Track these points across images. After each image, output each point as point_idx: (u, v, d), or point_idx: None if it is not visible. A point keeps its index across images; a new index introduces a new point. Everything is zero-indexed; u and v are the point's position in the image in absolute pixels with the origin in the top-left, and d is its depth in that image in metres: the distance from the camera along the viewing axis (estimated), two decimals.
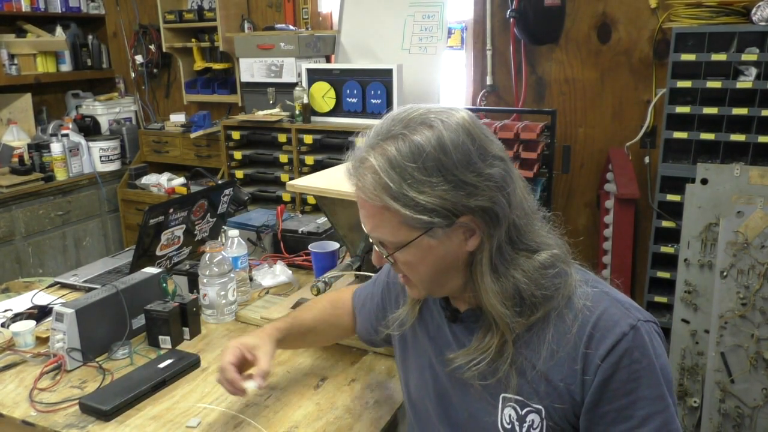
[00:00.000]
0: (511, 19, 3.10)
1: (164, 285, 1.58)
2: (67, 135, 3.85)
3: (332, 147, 3.29)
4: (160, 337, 1.52)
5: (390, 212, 0.85)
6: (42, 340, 1.53)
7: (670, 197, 2.70)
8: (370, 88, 3.21)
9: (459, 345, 0.96)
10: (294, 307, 1.61)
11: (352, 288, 1.35)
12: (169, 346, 1.51)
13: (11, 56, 3.83)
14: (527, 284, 0.86)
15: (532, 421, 0.89)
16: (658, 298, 2.80)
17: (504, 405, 0.91)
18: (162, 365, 1.38)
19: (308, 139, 3.29)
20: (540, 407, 0.88)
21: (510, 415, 0.91)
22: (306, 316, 1.27)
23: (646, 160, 3.05)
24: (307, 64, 3.37)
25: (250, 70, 3.54)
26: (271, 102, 3.54)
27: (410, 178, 0.82)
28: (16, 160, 3.65)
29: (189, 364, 1.41)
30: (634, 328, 0.84)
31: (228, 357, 1.11)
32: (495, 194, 0.84)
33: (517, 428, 0.90)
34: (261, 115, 3.41)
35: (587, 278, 0.92)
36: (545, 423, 0.88)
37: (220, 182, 2.69)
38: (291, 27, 3.64)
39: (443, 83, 3.34)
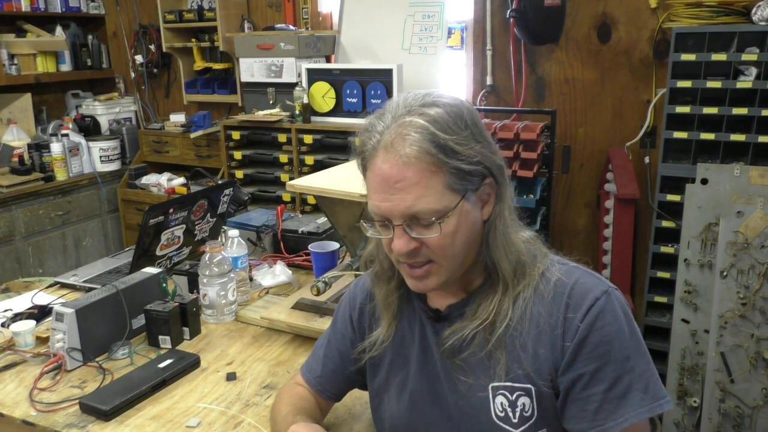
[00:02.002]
0: (511, 19, 3.10)
1: (164, 285, 1.58)
2: (67, 135, 3.85)
3: (332, 147, 3.29)
4: (160, 337, 1.52)
5: (438, 175, 0.85)
6: (42, 340, 1.53)
7: (670, 197, 2.70)
8: (370, 88, 3.21)
9: (445, 341, 0.96)
10: (294, 307, 1.61)
11: (292, 384, 1.19)
12: (169, 346, 1.51)
13: (11, 56, 3.83)
14: (524, 250, 0.94)
15: (524, 404, 0.91)
16: (658, 298, 2.80)
17: (494, 395, 0.93)
18: (162, 365, 1.38)
19: (308, 139, 3.29)
20: (529, 386, 0.90)
21: (502, 403, 0.92)
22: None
23: (646, 160, 3.05)
24: (307, 64, 3.37)
25: (250, 70, 3.54)
26: (271, 102, 3.54)
27: (455, 135, 0.86)
28: (16, 160, 3.65)
29: (189, 364, 1.41)
30: (606, 293, 0.90)
31: None
32: (500, 154, 0.94)
33: (510, 414, 0.92)
34: (261, 115, 3.41)
35: (558, 258, 0.98)
36: (535, 403, 0.90)
37: (220, 182, 2.69)
38: (291, 27, 3.64)
39: (443, 83, 3.34)
